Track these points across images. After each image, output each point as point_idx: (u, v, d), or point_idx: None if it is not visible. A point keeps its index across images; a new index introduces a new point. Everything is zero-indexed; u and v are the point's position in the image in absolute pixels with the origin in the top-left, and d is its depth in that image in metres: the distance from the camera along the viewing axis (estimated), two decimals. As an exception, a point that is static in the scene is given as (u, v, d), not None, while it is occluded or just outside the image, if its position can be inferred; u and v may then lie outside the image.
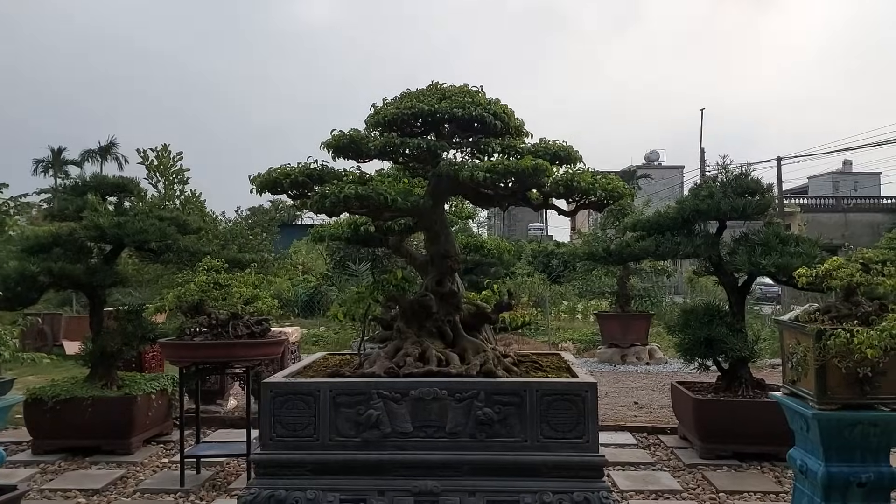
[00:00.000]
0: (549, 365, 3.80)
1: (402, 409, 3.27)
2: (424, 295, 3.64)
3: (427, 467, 3.23)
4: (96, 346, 7.22)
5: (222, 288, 6.31)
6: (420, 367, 3.44)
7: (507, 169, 3.14)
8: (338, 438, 3.29)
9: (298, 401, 3.30)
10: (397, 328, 3.68)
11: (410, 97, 3.60)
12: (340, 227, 7.39)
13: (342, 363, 3.99)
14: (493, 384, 3.26)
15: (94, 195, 7.27)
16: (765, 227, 6.76)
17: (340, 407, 3.30)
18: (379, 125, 3.67)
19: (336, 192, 3.26)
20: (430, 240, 3.72)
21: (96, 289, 7.36)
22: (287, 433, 3.30)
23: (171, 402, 7.69)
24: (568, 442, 3.21)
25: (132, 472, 6.58)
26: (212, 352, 6.10)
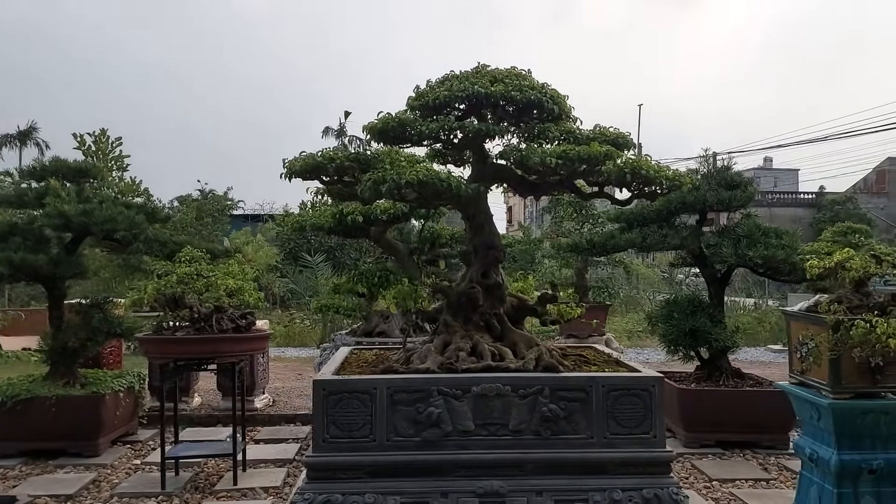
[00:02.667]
0: (596, 359, 3.68)
1: (464, 407, 3.07)
2: (472, 287, 3.44)
3: (490, 467, 3.05)
4: (57, 341, 6.64)
5: (205, 279, 5.91)
6: (475, 361, 3.24)
7: (580, 155, 2.98)
8: (396, 438, 3.07)
9: (353, 399, 3.05)
10: (444, 321, 3.46)
11: (457, 79, 3.39)
12: (324, 216, 7.10)
13: (380, 358, 3.74)
14: (559, 379, 3.11)
15: (55, 180, 6.69)
16: (743, 219, 6.86)
17: (398, 405, 3.07)
18: (423, 108, 3.44)
19: (395, 178, 3.01)
20: (474, 229, 3.53)
21: (57, 281, 6.78)
22: (342, 434, 3.05)
23: (137, 400, 7.18)
24: (635, 438, 3.09)
25: (104, 476, 6.08)
26: (196, 347, 5.71)
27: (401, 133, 3.37)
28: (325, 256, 14.69)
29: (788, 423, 6.71)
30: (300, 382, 9.80)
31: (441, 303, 3.55)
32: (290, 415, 7.89)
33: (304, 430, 7.42)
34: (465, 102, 3.33)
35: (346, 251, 16.36)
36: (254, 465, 6.25)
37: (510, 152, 3.12)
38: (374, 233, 7.13)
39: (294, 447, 6.81)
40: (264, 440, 7.07)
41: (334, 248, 16.09)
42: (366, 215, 6.55)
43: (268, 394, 8.53)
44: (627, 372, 3.31)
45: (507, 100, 3.27)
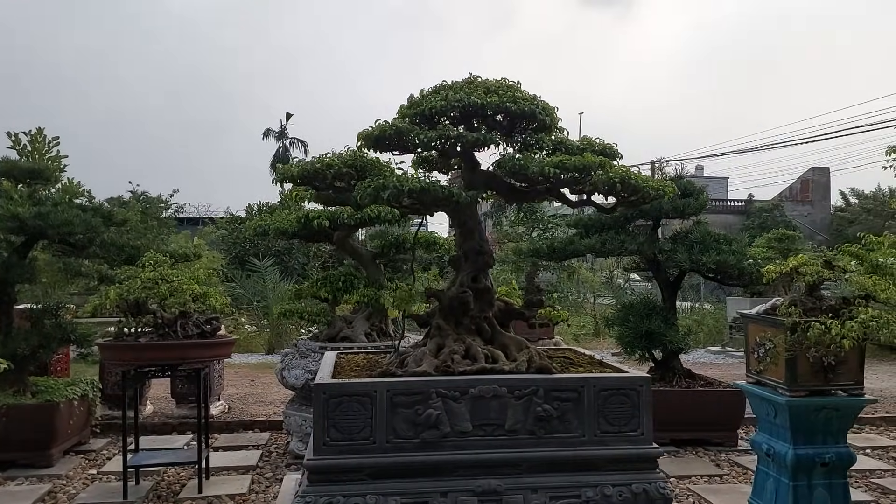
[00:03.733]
0: (579, 360, 3.81)
1: (462, 408, 3.13)
2: (464, 291, 3.51)
3: (487, 466, 3.12)
4: (6, 348, 6.35)
5: (169, 284, 5.77)
6: (470, 364, 3.31)
7: (576, 164, 3.10)
8: (395, 440, 3.10)
9: (354, 402, 3.07)
10: (437, 325, 3.52)
11: (452, 89, 3.46)
12: (288, 221, 7.03)
13: (371, 362, 3.76)
14: (552, 380, 3.21)
15: (8, 181, 6.43)
16: (695, 226, 7.16)
17: (398, 407, 3.10)
18: (417, 117, 3.49)
19: (398, 185, 3.06)
20: (465, 235, 3.60)
21: (6, 286, 6.50)
22: (342, 437, 3.06)
23: (90, 408, 6.94)
24: (624, 435, 3.22)
25: (59, 487, 5.85)
26: (161, 353, 5.57)
27: (397, 141, 3.41)
28: (274, 261, 14.49)
29: (737, 422, 7.03)
30: (254, 389, 9.65)
31: (433, 307, 3.61)
32: (247, 421, 7.78)
33: (264, 437, 7.33)
34: (459, 112, 3.41)
35: (294, 256, 16.17)
36: (216, 473, 6.14)
37: (508, 161, 3.21)
38: (337, 237, 7.12)
39: (255, 454, 6.73)
40: (223, 447, 6.95)
41: (282, 253, 15.86)
42: (332, 220, 6.54)
43: (223, 400, 8.38)
44: (615, 373, 3.45)
45: (501, 110, 3.36)
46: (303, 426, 6.49)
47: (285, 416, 6.79)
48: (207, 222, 20.92)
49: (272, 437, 7.37)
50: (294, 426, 6.57)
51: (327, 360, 3.67)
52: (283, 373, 6.74)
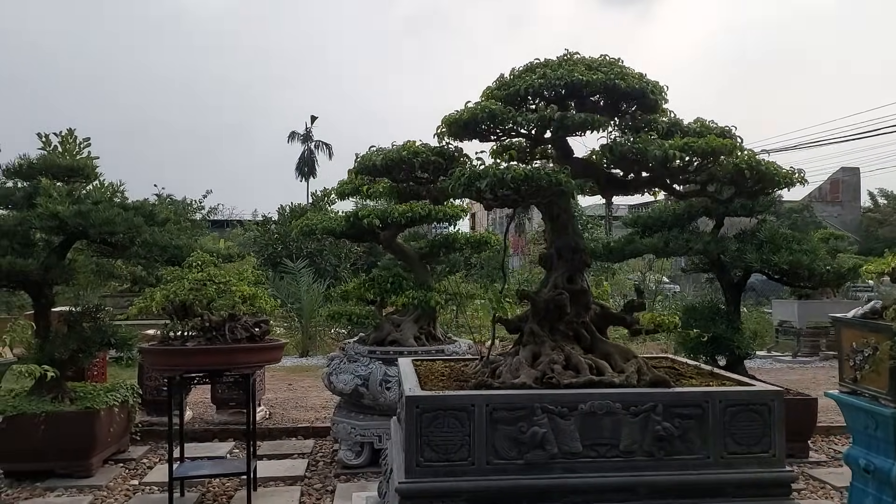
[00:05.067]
0: (687, 370, 3.37)
1: (570, 426, 2.72)
2: (560, 293, 3.09)
3: (600, 491, 2.70)
4: (45, 353, 6.01)
5: (217, 285, 5.39)
6: (573, 376, 2.90)
7: (703, 148, 2.68)
8: (496, 461, 2.69)
9: (449, 418, 2.66)
10: (530, 330, 3.10)
11: (550, 67, 3.04)
12: (336, 220, 6.65)
13: (454, 371, 3.35)
14: (673, 395, 2.78)
15: (47, 179, 6.10)
16: (760, 224, 6.70)
17: (498, 424, 2.69)
18: (507, 98, 3.08)
19: (499, 173, 2.66)
20: (557, 231, 3.18)
21: (44, 287, 6.16)
22: (437, 457, 2.65)
23: (130, 415, 6.59)
24: (754, 457, 2.79)
25: (100, 498, 5.48)
26: (210, 358, 5.18)
27: (488, 125, 3.00)
28: (307, 262, 14.11)
29: (808, 432, 6.55)
30: (293, 393, 9.27)
31: (525, 310, 3.19)
32: (290, 428, 7.40)
33: (308, 445, 6.94)
34: (558, 91, 2.99)
35: (326, 257, 15.78)
36: (263, 484, 5.75)
37: (621, 145, 2.79)
38: (384, 237, 6.72)
39: (302, 463, 6.33)
40: (267, 455, 6.55)
41: (314, 255, 15.48)
42: (382, 218, 6.15)
43: (264, 406, 8.02)
44: (740, 386, 3.01)
45: (607, 89, 2.94)
46: (352, 434, 6.10)
47: (333, 424, 6.40)
48: (236, 224, 20.62)
49: (317, 444, 6.98)
50: (343, 434, 6.18)
51: (407, 369, 3.26)
52: (330, 377, 6.35)
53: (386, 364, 6.05)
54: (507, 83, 3.15)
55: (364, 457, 6.09)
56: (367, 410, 6.19)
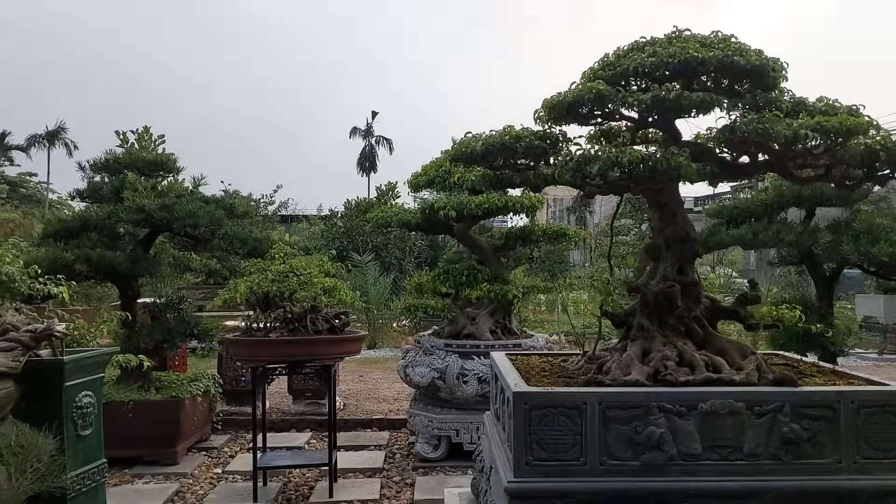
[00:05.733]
0: (806, 369, 3.13)
1: (689, 426, 2.53)
2: (671, 285, 2.89)
3: (722, 497, 2.51)
4: (131, 343, 6.12)
5: (298, 277, 5.36)
6: (688, 373, 2.71)
7: (836, 128, 2.44)
8: (610, 462, 2.53)
9: (560, 415, 2.51)
10: (639, 325, 2.92)
11: (660, 44, 2.84)
12: (411, 213, 6.56)
13: (554, 367, 3.19)
14: (801, 395, 2.56)
15: (133, 174, 6.18)
16: (854, 214, 6.29)
17: (611, 423, 2.53)
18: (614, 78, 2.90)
19: (612, 157, 2.48)
20: (665, 219, 2.98)
21: (130, 279, 6.26)
22: (547, 456, 2.51)
23: (212, 404, 6.66)
24: (890, 463, 2.55)
25: (187, 486, 5.53)
26: (292, 349, 5.16)
27: (591, 108, 2.83)
28: (374, 256, 14.11)
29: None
30: (364, 384, 9.27)
31: (634, 303, 3.00)
32: (365, 419, 7.36)
33: (384, 437, 6.88)
34: (668, 71, 2.79)
35: (391, 251, 15.79)
36: (342, 475, 5.70)
37: (745, 125, 2.56)
38: (458, 229, 6.59)
39: (379, 455, 6.27)
40: (344, 447, 6.51)
41: (379, 248, 15.51)
42: (458, 210, 6.02)
43: (338, 397, 8.01)
44: (873, 385, 2.76)
45: (722, 67, 2.72)
46: (429, 427, 6.00)
47: (410, 416, 6.32)
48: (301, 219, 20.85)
49: (392, 436, 6.91)
50: (420, 427, 6.09)
51: (503, 363, 3.11)
52: (406, 370, 6.26)
53: (462, 357, 5.93)
54: (611, 63, 2.95)
55: (441, 450, 5.98)
56: (443, 404, 6.09)
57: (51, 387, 2.99)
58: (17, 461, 2.37)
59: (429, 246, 16.53)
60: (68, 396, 3.07)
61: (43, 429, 2.73)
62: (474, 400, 5.89)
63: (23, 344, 2.86)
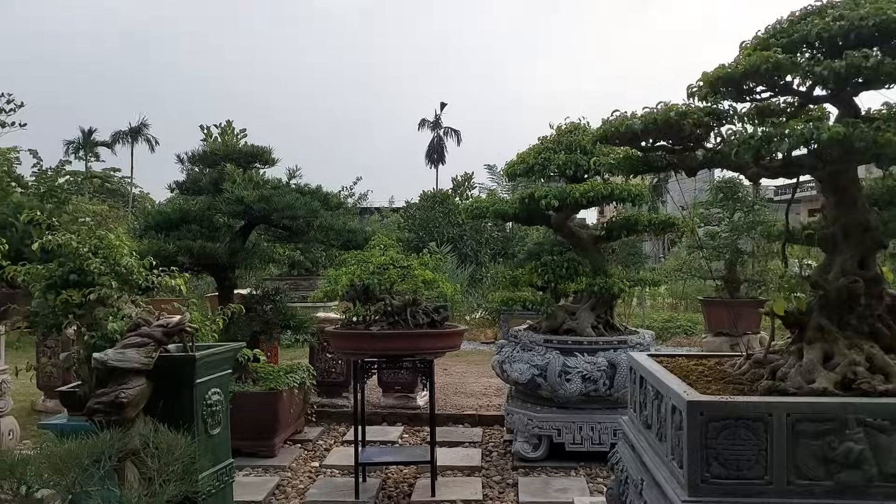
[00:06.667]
0: None
1: (894, 443, 2.20)
2: (854, 280, 2.53)
3: (934, 526, 2.17)
4: (229, 334, 6.06)
5: (399, 269, 5.17)
6: (882, 380, 2.36)
7: None
8: (799, 481, 2.21)
9: (741, 428, 2.21)
10: (817, 325, 2.57)
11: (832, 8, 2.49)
12: (508, 203, 6.29)
13: (714, 371, 2.87)
14: None
15: (232, 165, 6.12)
16: None
17: (800, 437, 2.21)
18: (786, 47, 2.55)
19: (806, 133, 2.15)
20: (843, 205, 2.61)
21: (228, 270, 6.21)
22: (727, 473, 2.21)
23: (307, 396, 6.57)
24: None
25: (287, 480, 5.43)
26: (394, 343, 4.97)
27: (762, 80, 2.49)
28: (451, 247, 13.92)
29: None
30: (450, 378, 9.07)
31: (812, 300, 2.65)
32: (456, 415, 7.15)
33: (476, 433, 6.65)
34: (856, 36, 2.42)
35: (467, 242, 15.57)
36: (442, 473, 5.48)
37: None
38: (556, 219, 6.28)
39: (475, 452, 6.04)
40: (439, 443, 6.30)
41: (455, 240, 15.32)
42: (560, 199, 5.71)
43: (426, 391, 7.82)
44: None
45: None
46: (529, 426, 5.73)
47: (507, 414, 6.06)
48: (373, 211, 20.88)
49: (485, 433, 6.68)
50: (519, 425, 5.82)
51: (652, 366, 2.80)
52: (503, 366, 6.01)
53: (564, 354, 5.64)
54: (783, 31, 2.59)
55: (542, 450, 5.71)
56: (543, 402, 5.81)
57: (182, 384, 2.86)
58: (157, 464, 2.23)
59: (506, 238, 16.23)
60: (199, 394, 2.94)
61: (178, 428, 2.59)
62: (577, 399, 5.60)
63: (155, 339, 2.73)
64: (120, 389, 2.49)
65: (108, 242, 3.69)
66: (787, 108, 2.90)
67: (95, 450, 2.13)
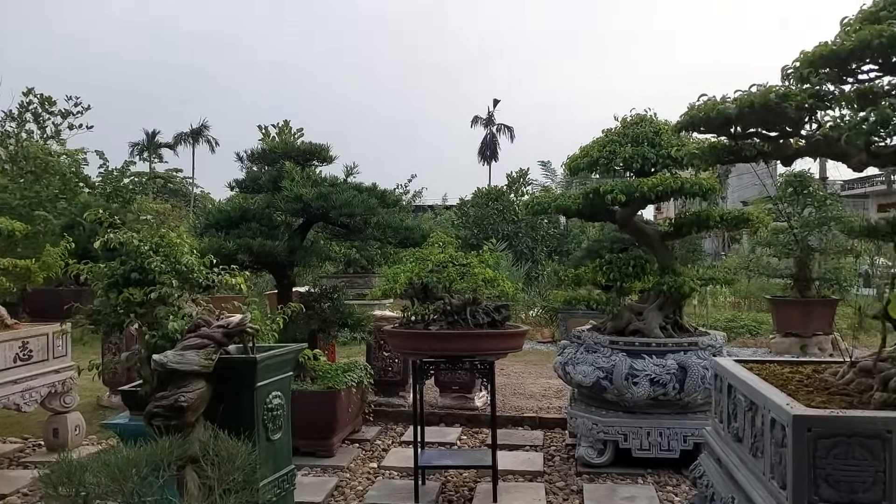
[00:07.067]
0: None
1: None
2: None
3: None
4: (287, 333, 6.01)
5: (458, 267, 5.01)
6: None
7: None
8: (922, 509, 1.97)
9: (855, 446, 1.97)
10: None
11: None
12: (571, 198, 6.06)
13: (814, 379, 2.62)
14: None
15: (291, 163, 6.06)
16: None
17: (922, 459, 1.96)
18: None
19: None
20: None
21: (287, 269, 6.17)
22: (838, 497, 1.97)
23: (364, 395, 6.48)
24: None
25: (345, 481, 5.33)
26: (454, 343, 4.82)
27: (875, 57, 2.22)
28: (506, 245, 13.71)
29: None
30: (506, 378, 8.87)
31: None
32: (515, 417, 6.95)
33: (537, 436, 6.43)
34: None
35: (522, 240, 15.33)
36: (502, 477, 5.30)
37: None
38: (622, 214, 6.01)
39: (537, 457, 5.83)
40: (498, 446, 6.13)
41: (510, 237, 15.11)
42: (628, 193, 5.45)
43: (484, 391, 7.65)
44: None
45: None
46: (593, 430, 5.49)
47: (571, 417, 5.83)
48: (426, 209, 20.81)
49: (546, 436, 6.46)
50: (583, 430, 5.59)
51: (742, 373, 2.56)
52: (565, 367, 5.78)
53: (630, 356, 5.38)
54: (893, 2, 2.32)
55: (607, 455, 5.47)
56: (608, 405, 5.56)
57: (242, 387, 2.76)
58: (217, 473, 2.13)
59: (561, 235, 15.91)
60: (259, 397, 2.84)
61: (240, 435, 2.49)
62: (644, 403, 5.34)
63: (215, 340, 2.64)
64: (179, 393, 2.41)
65: (169, 240, 3.65)
66: (892, 91, 2.61)
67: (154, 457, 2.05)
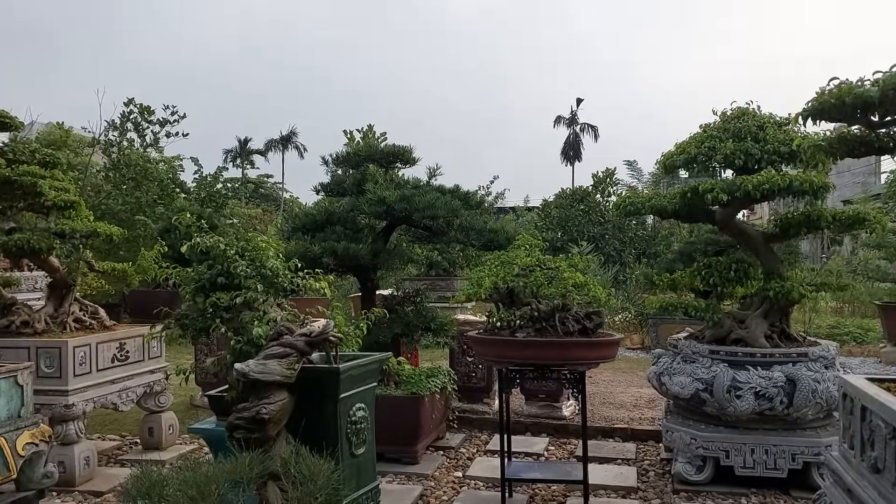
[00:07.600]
0: None
1: None
2: None
3: None
4: (370, 337, 5.93)
5: (546, 271, 4.78)
6: None
7: None
8: None
9: None
10: None
11: None
12: (667, 198, 5.71)
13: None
14: None
15: (375, 166, 6.00)
16: None
17: None
18: None
19: None
20: None
21: (370, 271, 6.10)
22: None
23: (448, 402, 6.34)
24: None
25: (430, 490, 5.19)
26: (543, 351, 4.58)
27: None
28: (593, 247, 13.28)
29: None
30: (595, 387, 8.53)
31: None
32: (606, 428, 6.63)
33: (629, 449, 6.10)
34: None
35: (609, 242, 14.83)
36: (594, 492, 5.02)
37: None
38: (722, 215, 5.61)
39: (630, 471, 5.51)
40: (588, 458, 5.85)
41: (596, 238, 14.65)
42: (730, 192, 5.06)
43: (573, 400, 7.36)
44: None
45: None
46: (691, 445, 5.12)
47: (666, 431, 5.47)
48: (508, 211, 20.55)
49: (639, 449, 6.12)
50: (680, 444, 5.22)
51: (886, 397, 2.22)
52: (660, 378, 5.43)
53: (732, 367, 5.00)
54: None
55: (707, 472, 5.10)
56: (708, 419, 5.19)
57: (325, 398, 2.65)
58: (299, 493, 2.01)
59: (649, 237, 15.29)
60: (343, 409, 2.72)
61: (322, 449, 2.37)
62: (748, 418, 4.94)
63: (297, 349, 2.55)
64: (261, 404, 2.32)
65: (255, 244, 3.61)
66: None
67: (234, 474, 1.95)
